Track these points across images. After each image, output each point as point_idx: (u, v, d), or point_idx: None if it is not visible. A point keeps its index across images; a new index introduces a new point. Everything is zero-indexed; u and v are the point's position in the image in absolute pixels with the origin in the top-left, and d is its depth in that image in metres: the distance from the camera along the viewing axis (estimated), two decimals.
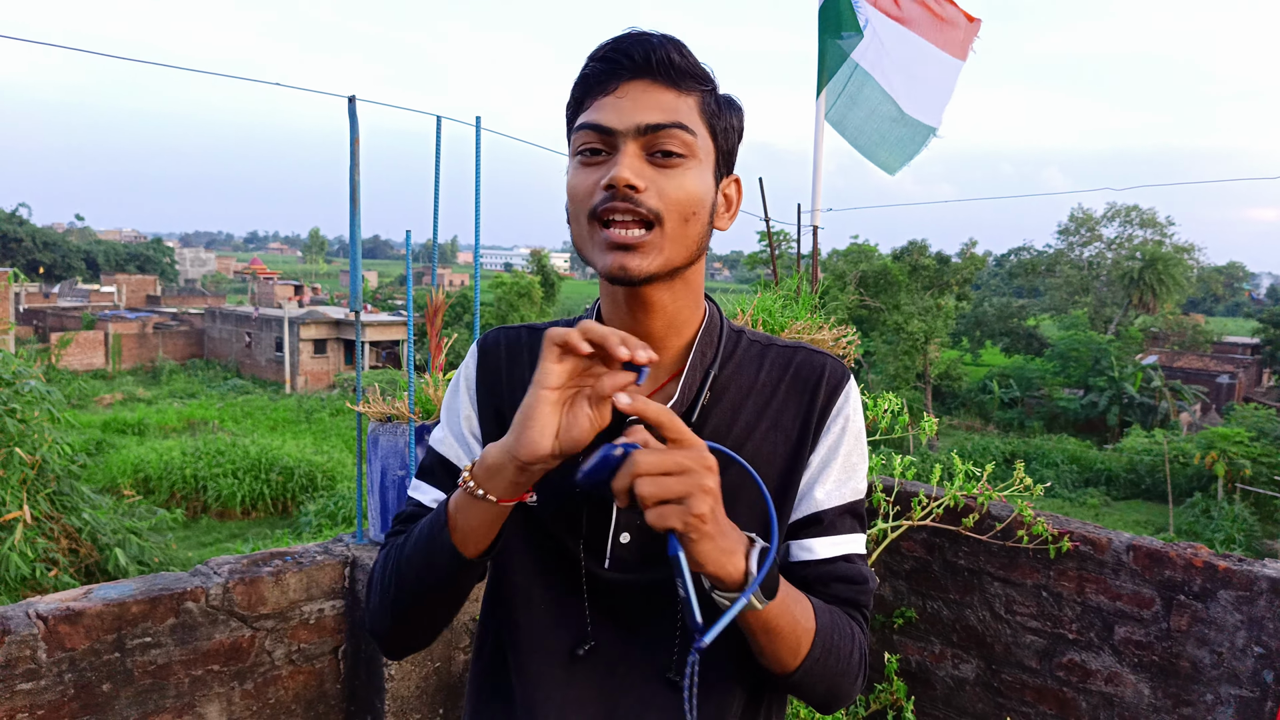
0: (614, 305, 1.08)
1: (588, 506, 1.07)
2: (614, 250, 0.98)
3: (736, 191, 1.10)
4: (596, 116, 0.99)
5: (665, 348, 1.08)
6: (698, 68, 1.02)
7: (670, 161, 0.99)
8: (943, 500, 2.60)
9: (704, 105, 1.02)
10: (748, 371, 1.12)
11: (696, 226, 1.01)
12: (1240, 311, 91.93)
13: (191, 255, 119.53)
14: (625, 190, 0.96)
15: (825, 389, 1.11)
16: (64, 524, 6.69)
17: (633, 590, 1.07)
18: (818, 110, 3.29)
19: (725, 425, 1.08)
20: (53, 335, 36.66)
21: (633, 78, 0.99)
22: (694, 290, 1.09)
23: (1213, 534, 19.33)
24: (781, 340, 1.17)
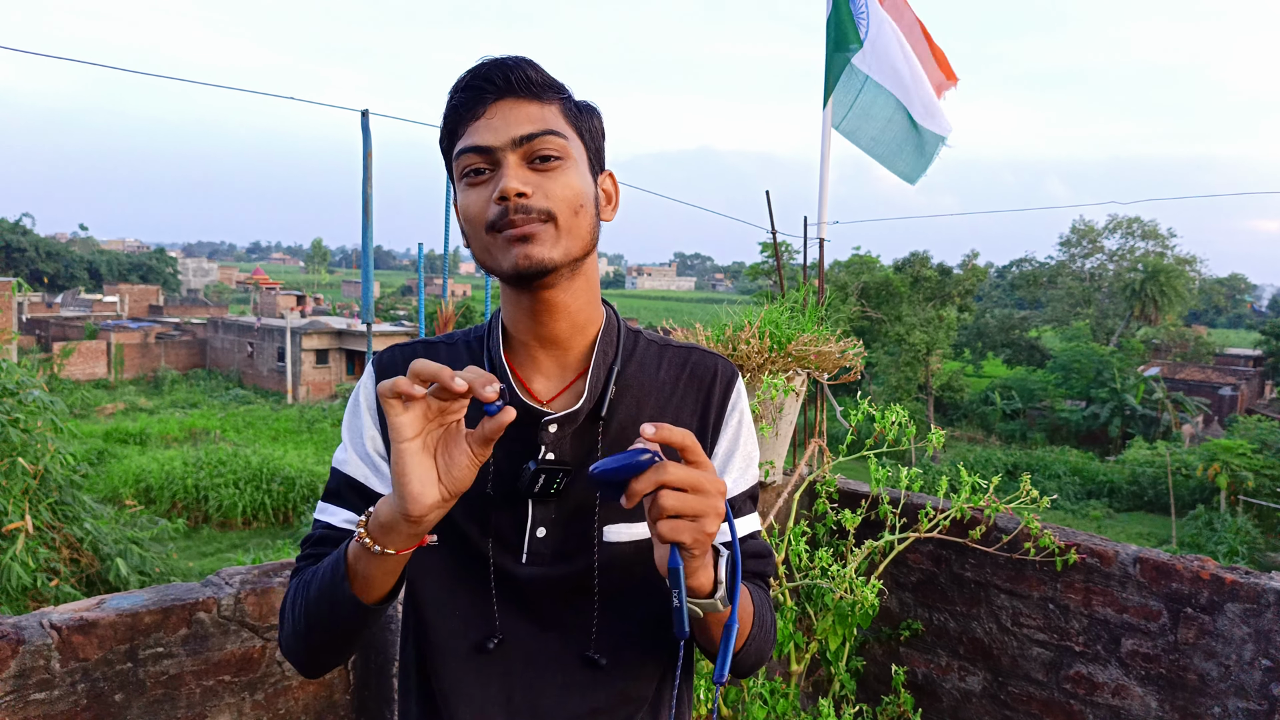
0: (519, 311, 1.13)
1: (501, 506, 1.12)
2: (517, 244, 1.03)
3: (613, 185, 1.18)
4: (474, 139, 1.06)
5: (570, 348, 1.15)
6: (552, 80, 1.10)
7: (549, 165, 1.06)
8: (949, 512, 2.61)
9: (566, 111, 1.10)
10: (648, 370, 1.19)
11: (585, 219, 1.08)
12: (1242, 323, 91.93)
13: (194, 265, 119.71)
14: (516, 199, 1.02)
15: (720, 387, 1.21)
16: (66, 534, 6.69)
17: (547, 583, 1.13)
18: (824, 123, 3.31)
19: (631, 420, 1.15)
20: (55, 345, 36.71)
21: (498, 98, 1.06)
22: (593, 290, 1.16)
23: (1215, 546, 19.27)
24: (675, 341, 1.25)
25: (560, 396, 1.15)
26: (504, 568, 1.12)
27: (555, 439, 1.11)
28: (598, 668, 1.13)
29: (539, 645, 1.13)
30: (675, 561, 0.92)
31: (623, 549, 1.13)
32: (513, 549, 1.12)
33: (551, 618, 1.13)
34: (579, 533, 1.13)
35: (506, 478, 1.11)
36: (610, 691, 1.14)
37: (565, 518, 1.12)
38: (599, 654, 1.13)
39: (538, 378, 1.15)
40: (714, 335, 2.75)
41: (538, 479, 1.08)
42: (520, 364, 1.15)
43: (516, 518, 1.12)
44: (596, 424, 1.13)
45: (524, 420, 1.11)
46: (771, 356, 2.65)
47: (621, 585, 1.14)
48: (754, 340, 2.64)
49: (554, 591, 1.13)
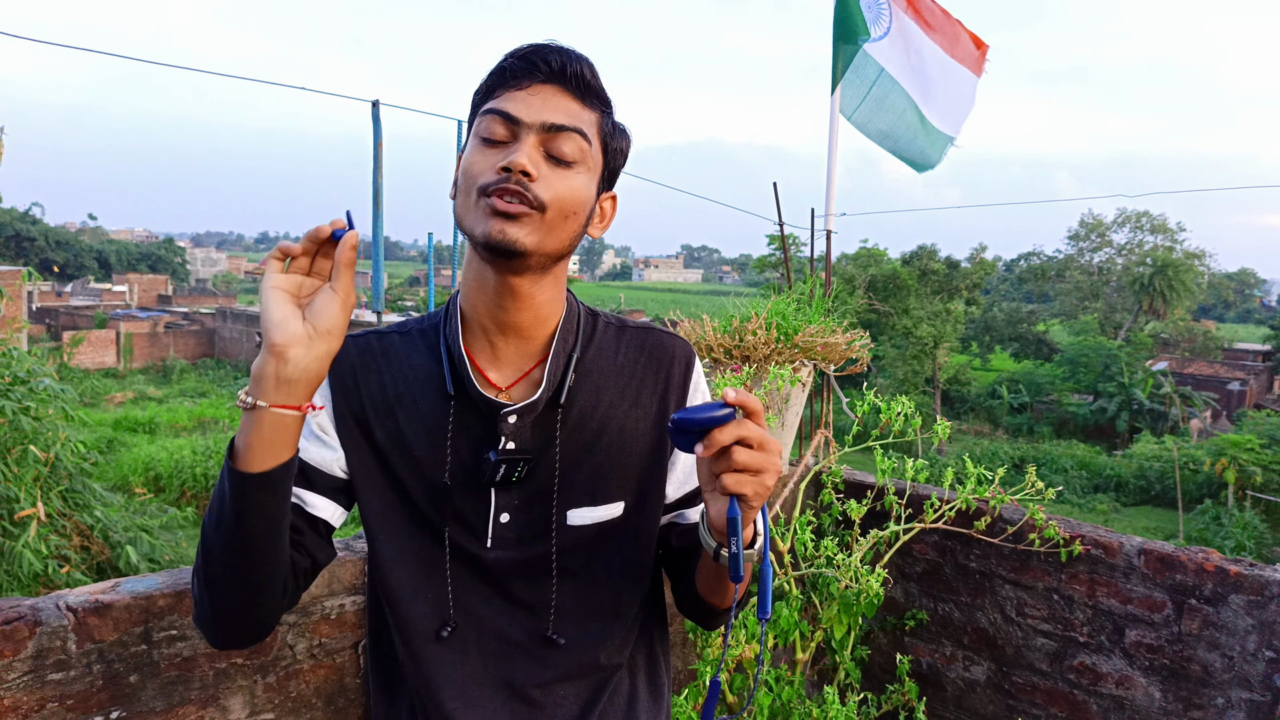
0: (483, 294, 1.13)
1: (463, 493, 1.14)
2: (496, 217, 1.03)
3: (612, 207, 1.18)
4: (506, 106, 1.05)
5: (531, 337, 1.15)
6: (603, 90, 1.11)
7: (563, 164, 1.06)
8: (954, 503, 2.62)
9: (602, 124, 1.11)
10: (607, 353, 1.21)
11: (573, 225, 1.08)
12: (1251, 318, 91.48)
13: (203, 255, 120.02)
14: (520, 176, 1.02)
15: (679, 367, 1.23)
16: (76, 521, 6.73)
17: (512, 565, 1.16)
18: (832, 115, 3.31)
19: (590, 406, 1.17)
20: (65, 334, 36.84)
21: (546, 81, 1.06)
22: (560, 285, 1.16)
23: (1223, 541, 19.22)
24: (633, 321, 1.26)
25: (518, 384, 1.16)
26: (469, 553, 1.15)
27: (515, 429, 1.13)
28: (557, 647, 1.17)
29: (507, 623, 1.17)
30: (734, 512, 0.98)
31: (585, 531, 1.17)
32: (478, 534, 1.15)
33: (515, 597, 1.17)
34: (541, 517, 1.16)
35: (468, 467, 1.13)
36: (578, 661, 1.18)
37: (527, 503, 1.15)
38: (557, 634, 1.17)
39: (495, 365, 1.16)
40: (721, 327, 2.76)
41: (498, 469, 1.11)
42: (477, 351, 1.16)
43: (480, 504, 1.14)
44: (555, 412, 1.14)
45: (484, 411, 1.13)
46: (778, 348, 2.66)
47: (584, 563, 1.18)
48: (761, 331, 2.65)
49: (518, 573, 1.16)
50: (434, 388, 1.15)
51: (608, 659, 1.21)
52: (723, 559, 1.05)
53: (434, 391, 1.15)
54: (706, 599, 1.18)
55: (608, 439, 1.17)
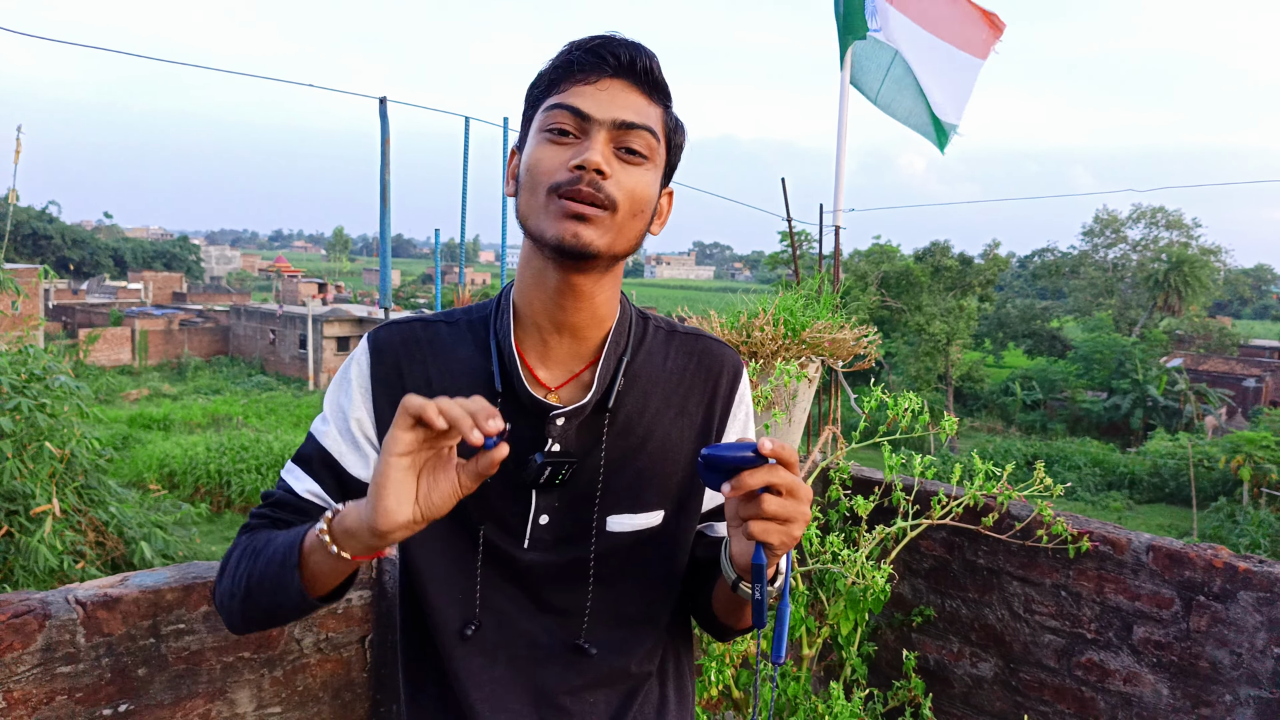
0: (541, 291, 1.10)
1: (504, 493, 1.12)
2: (569, 219, 1.01)
3: (668, 204, 1.16)
4: (575, 101, 1.03)
5: (585, 338, 1.14)
6: (667, 86, 1.09)
7: (634, 160, 1.05)
8: (962, 499, 2.61)
9: (666, 119, 1.09)
10: (656, 359, 1.19)
11: (640, 224, 1.08)
12: (1268, 314, 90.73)
13: (217, 253, 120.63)
14: (594, 175, 1.01)
15: (727, 379, 1.21)
16: (91, 517, 6.77)
17: (546, 568, 1.14)
18: (841, 110, 3.31)
19: (637, 411, 1.15)
20: (81, 331, 37.09)
21: (615, 76, 1.05)
22: (618, 285, 1.15)
23: (1237, 539, 19.10)
24: (684, 326, 1.24)
25: (567, 386, 1.14)
26: (503, 553, 1.13)
27: (561, 430, 1.11)
28: (587, 656, 1.15)
29: (538, 627, 1.15)
30: (760, 559, 0.96)
31: (624, 538, 1.14)
32: (515, 535, 1.13)
33: (548, 601, 1.15)
34: (581, 520, 1.14)
35: (510, 467, 1.09)
36: (610, 668, 1.17)
37: (567, 506, 1.13)
38: (589, 643, 1.15)
39: (546, 365, 1.14)
40: (728, 323, 2.76)
41: (544, 471, 1.09)
42: (529, 349, 1.13)
43: (520, 505, 1.12)
44: (603, 416, 1.13)
45: (531, 412, 1.11)
46: (785, 344, 2.66)
47: (620, 570, 1.16)
48: (768, 327, 2.65)
49: (552, 577, 1.15)
50: (480, 383, 1.12)
51: (638, 667, 1.19)
52: (742, 592, 1.04)
53: (480, 387, 1.12)
54: (722, 619, 1.17)
55: (652, 446, 1.15)
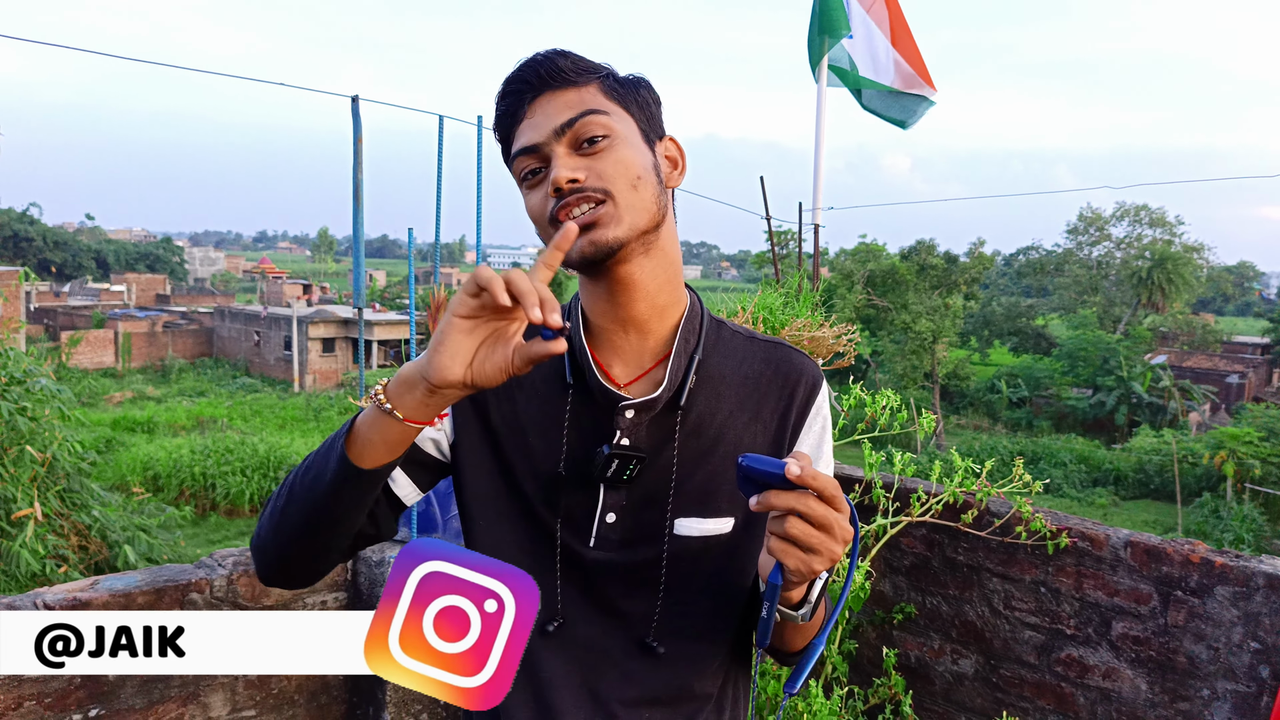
0: (595, 297, 1.11)
1: (573, 487, 1.10)
2: (579, 234, 1.01)
3: (677, 150, 1.14)
4: (521, 141, 1.06)
5: (649, 332, 1.12)
6: (586, 62, 1.08)
7: (596, 146, 1.04)
8: (942, 497, 2.62)
9: (606, 88, 1.08)
10: (730, 362, 1.16)
11: (647, 189, 1.06)
12: (1250, 311, 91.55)
13: (201, 254, 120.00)
14: (569, 186, 1.01)
15: (805, 389, 1.17)
16: (74, 521, 6.74)
17: (613, 569, 1.11)
18: (818, 109, 3.32)
19: (710, 412, 1.13)
20: (63, 334, 36.88)
21: (535, 96, 1.06)
22: (671, 267, 1.12)
23: (1222, 534, 19.25)
24: (761, 335, 1.22)
25: (638, 382, 1.12)
26: (571, 550, 1.11)
27: (631, 425, 1.09)
28: (656, 655, 1.12)
29: (599, 630, 1.12)
30: (776, 579, 0.94)
31: (692, 543, 1.11)
32: (581, 532, 1.11)
33: (612, 604, 1.12)
34: (649, 521, 1.11)
35: (580, 460, 1.10)
36: (669, 683, 1.13)
37: (636, 505, 1.11)
38: (657, 641, 1.12)
39: (617, 362, 1.13)
40: None
41: (610, 464, 1.07)
42: (600, 348, 1.13)
43: (587, 501, 1.11)
44: (674, 413, 1.11)
45: (601, 403, 1.10)
46: None
47: (688, 577, 1.12)
48: (747, 325, 2.65)
49: (618, 578, 1.12)
50: (554, 376, 1.13)
51: (700, 687, 1.15)
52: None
53: (554, 380, 1.13)
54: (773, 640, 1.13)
55: (724, 449, 1.13)
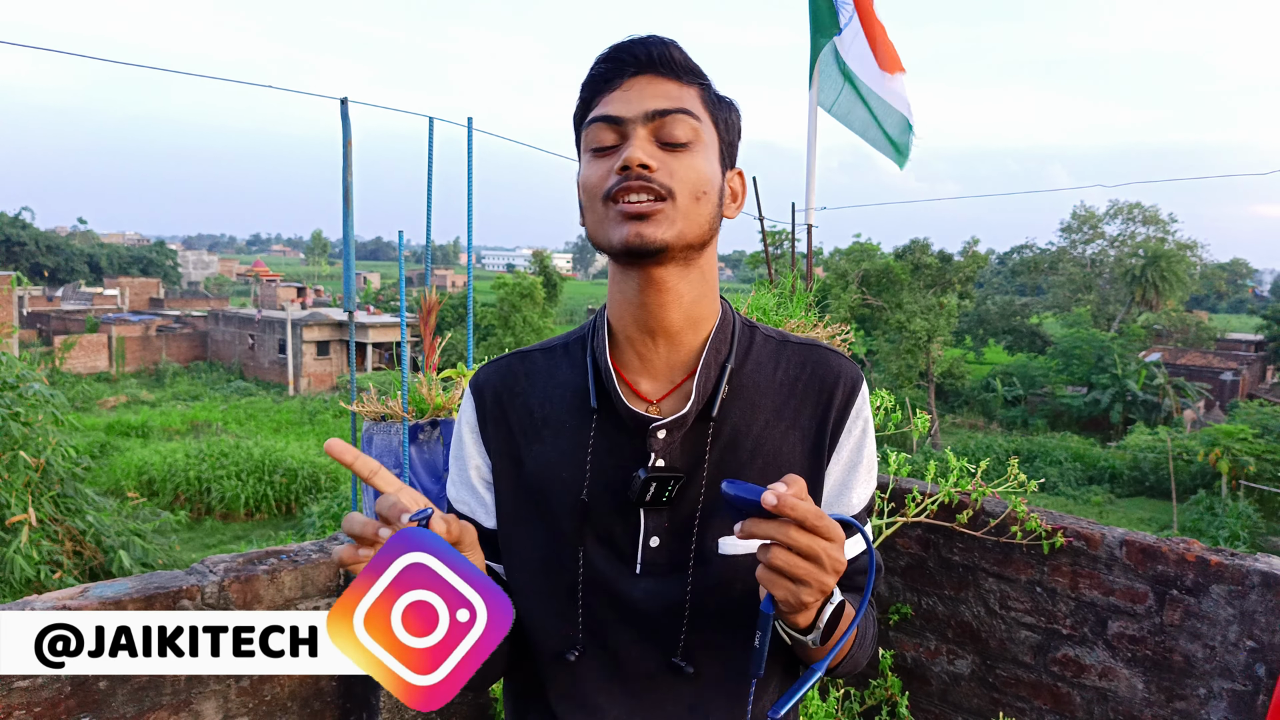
0: (626, 296, 1.08)
1: (609, 515, 1.07)
2: (629, 220, 0.99)
3: (741, 185, 1.13)
4: (606, 109, 1.03)
5: (681, 343, 1.09)
6: (694, 65, 1.06)
7: (678, 148, 1.02)
8: (937, 497, 2.61)
9: (705, 97, 1.06)
10: (765, 369, 1.12)
11: (707, 206, 1.04)
12: (1244, 308, 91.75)
13: (194, 258, 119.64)
14: (639, 170, 0.99)
15: (843, 391, 1.12)
16: (68, 526, 6.70)
17: (657, 595, 1.07)
18: (810, 109, 3.31)
19: (745, 422, 1.09)
20: (56, 338, 36.76)
21: (637, 73, 1.03)
22: (709, 282, 1.09)
23: (1217, 531, 19.28)
24: (796, 337, 1.17)
25: (669, 397, 1.09)
26: (607, 577, 1.07)
27: (664, 444, 1.06)
28: (682, 674, 1.07)
29: (629, 655, 1.09)
30: (768, 608, 0.91)
31: (736, 562, 1.06)
32: (625, 559, 1.07)
33: (649, 627, 1.08)
34: (693, 542, 1.06)
35: (615, 486, 1.06)
36: (697, 708, 1.09)
37: (678, 527, 1.07)
38: (685, 660, 1.07)
39: (645, 378, 1.09)
40: None
41: (649, 488, 1.03)
42: (626, 363, 1.10)
43: (628, 527, 1.07)
44: (707, 426, 1.07)
45: (630, 427, 1.06)
46: None
47: (727, 602, 1.08)
48: None
49: (661, 603, 1.07)
50: (580, 404, 1.09)
51: (733, 713, 1.09)
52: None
53: (581, 408, 1.09)
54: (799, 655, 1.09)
55: (762, 460, 1.08)
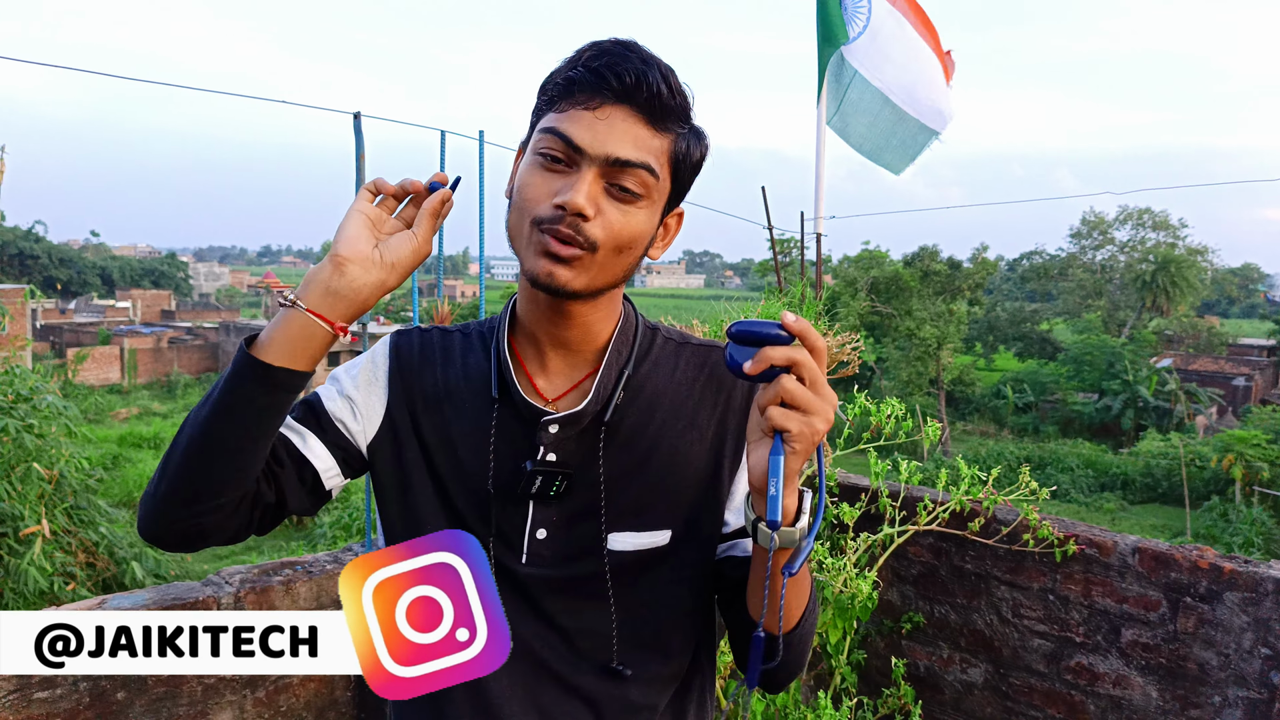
0: (533, 308, 1.09)
1: (503, 503, 1.08)
2: (546, 257, 0.99)
3: (676, 224, 1.11)
4: (570, 129, 0.98)
5: (580, 351, 1.11)
6: (682, 106, 1.01)
7: (625, 198, 0.99)
8: (948, 505, 2.61)
9: (675, 148, 1.02)
10: (663, 370, 1.13)
11: (629, 258, 1.03)
12: (1256, 313, 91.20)
13: (205, 270, 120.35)
14: (574, 218, 0.97)
15: (742, 390, 1.13)
16: (81, 538, 6.74)
17: (549, 585, 1.09)
18: (818, 117, 3.32)
19: (641, 424, 1.10)
20: (69, 351, 36.94)
21: (617, 101, 0.97)
22: (614, 302, 1.11)
23: (1230, 538, 19.15)
24: (697, 338, 1.18)
25: (568, 395, 1.10)
26: (505, 566, 1.09)
27: (556, 440, 1.07)
28: (621, 678, 1.09)
29: (554, 652, 1.10)
30: (777, 450, 0.90)
31: (628, 557, 1.09)
32: (513, 548, 1.09)
33: (549, 620, 1.10)
34: (582, 537, 1.08)
35: (508, 475, 1.07)
36: (628, 701, 1.11)
37: (567, 521, 1.09)
38: (623, 664, 1.09)
39: (545, 374, 1.11)
40: (712, 331, 2.76)
41: (534, 480, 1.05)
42: (528, 356, 1.12)
43: (517, 517, 1.09)
44: (600, 426, 1.08)
45: (525, 417, 1.08)
46: None
47: (636, 593, 1.10)
48: None
49: (560, 595, 1.09)
50: (481, 389, 1.11)
51: (643, 698, 1.12)
52: (761, 535, 0.93)
53: (482, 393, 1.11)
54: (735, 622, 1.11)
55: (658, 460, 1.09)
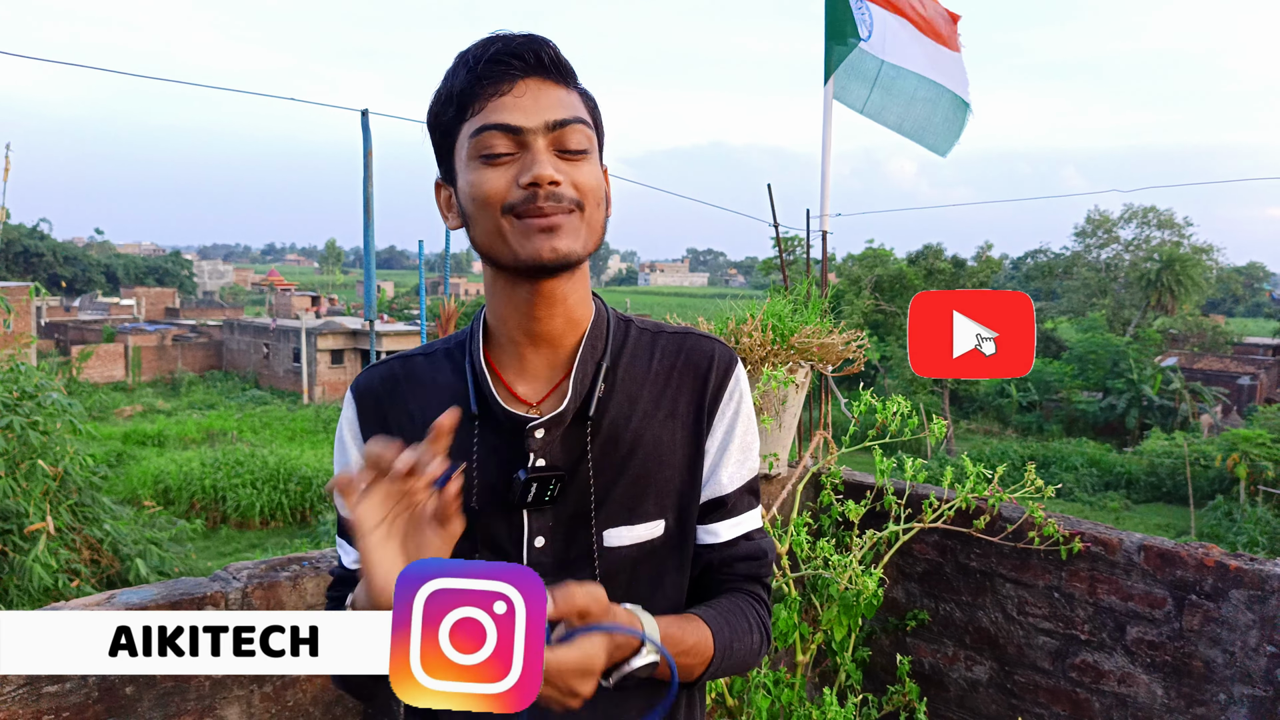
0: (512, 306, 1.08)
1: (493, 518, 1.08)
2: (543, 234, 0.98)
3: (607, 182, 1.12)
4: (502, 117, 0.99)
5: (562, 345, 1.10)
6: (570, 65, 1.04)
7: (575, 158, 1.01)
8: (954, 502, 2.61)
9: (585, 101, 1.06)
10: (640, 360, 1.14)
11: (602, 214, 1.06)
12: (1261, 312, 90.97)
13: (209, 268, 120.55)
14: (549, 188, 0.97)
15: (716, 374, 1.14)
16: (85, 535, 6.75)
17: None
18: (824, 116, 3.32)
19: (624, 416, 1.10)
20: (73, 348, 37.01)
21: (526, 76, 1.00)
22: (587, 284, 1.12)
23: (1235, 537, 19.11)
24: (670, 326, 1.20)
25: (549, 398, 1.10)
26: None
27: (543, 444, 1.07)
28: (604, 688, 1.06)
29: None
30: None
31: (624, 552, 1.09)
32: (512, 561, 1.07)
33: None
34: (580, 537, 1.08)
35: (497, 489, 1.07)
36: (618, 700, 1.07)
37: (564, 525, 1.08)
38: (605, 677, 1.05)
39: (524, 379, 1.11)
40: (717, 329, 2.77)
41: (529, 488, 1.04)
42: (505, 365, 1.11)
43: (512, 529, 1.08)
44: (585, 424, 1.08)
45: (509, 427, 1.07)
46: (774, 349, 2.66)
47: (621, 592, 1.07)
48: (756, 333, 2.65)
49: None
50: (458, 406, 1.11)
51: (646, 699, 1.10)
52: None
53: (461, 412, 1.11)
54: None
55: (643, 452, 1.10)
